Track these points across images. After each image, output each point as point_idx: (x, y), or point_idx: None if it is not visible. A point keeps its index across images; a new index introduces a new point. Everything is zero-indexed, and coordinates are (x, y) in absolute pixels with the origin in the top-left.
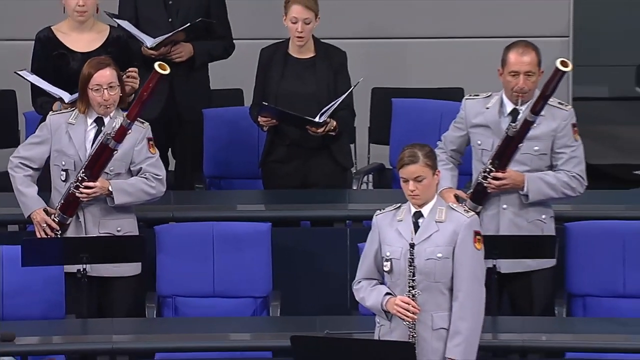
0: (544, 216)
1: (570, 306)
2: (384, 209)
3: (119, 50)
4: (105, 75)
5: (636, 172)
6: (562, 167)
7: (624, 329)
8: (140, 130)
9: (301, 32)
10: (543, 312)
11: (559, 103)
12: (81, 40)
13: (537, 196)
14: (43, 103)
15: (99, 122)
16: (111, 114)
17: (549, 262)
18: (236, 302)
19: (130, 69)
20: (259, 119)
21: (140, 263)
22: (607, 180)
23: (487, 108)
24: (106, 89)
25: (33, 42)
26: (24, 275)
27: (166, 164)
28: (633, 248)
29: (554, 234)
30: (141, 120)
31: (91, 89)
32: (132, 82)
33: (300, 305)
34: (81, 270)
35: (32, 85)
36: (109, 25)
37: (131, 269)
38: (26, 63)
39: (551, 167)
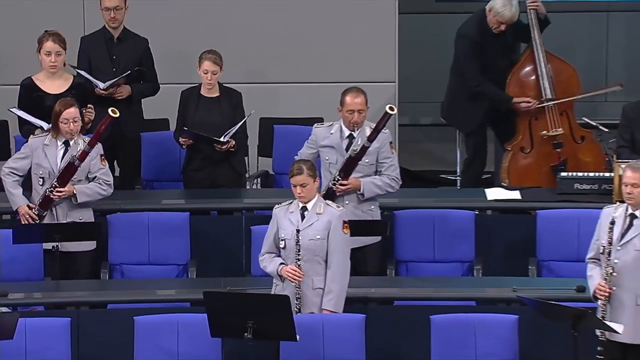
0: (372, 207)
1: (397, 269)
2: (280, 204)
3: (80, 92)
4: (71, 112)
5: (442, 175)
6: (384, 172)
7: (434, 284)
8: (95, 149)
9: (210, 80)
10: (378, 273)
11: None
12: (53, 85)
13: (370, 194)
14: (27, 130)
15: (66, 143)
16: (75, 139)
17: (376, 239)
18: (164, 268)
19: (89, 106)
20: (180, 140)
21: (95, 242)
22: (422, 181)
23: (332, 133)
24: (72, 122)
25: (19, 86)
26: (14, 250)
27: (112, 170)
28: (439, 228)
29: (379, 218)
30: None
31: (61, 122)
32: (89, 115)
33: (210, 270)
34: (54, 246)
35: (19, 117)
36: (73, 74)
37: (88, 245)
38: (14, 101)
39: (376, 172)
